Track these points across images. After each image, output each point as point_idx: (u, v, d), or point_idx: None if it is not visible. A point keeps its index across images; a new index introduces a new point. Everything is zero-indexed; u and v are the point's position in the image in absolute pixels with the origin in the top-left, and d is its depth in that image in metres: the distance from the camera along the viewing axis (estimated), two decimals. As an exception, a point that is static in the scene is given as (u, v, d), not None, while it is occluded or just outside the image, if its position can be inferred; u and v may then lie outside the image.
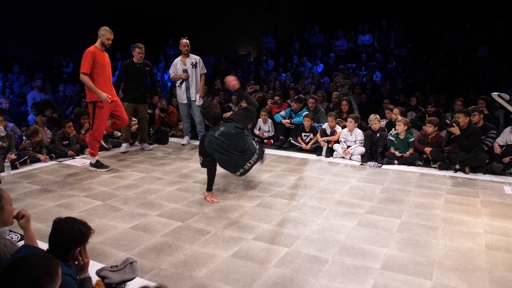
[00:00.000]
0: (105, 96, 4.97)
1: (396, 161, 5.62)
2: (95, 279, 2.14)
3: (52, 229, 1.97)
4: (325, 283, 2.50)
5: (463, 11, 11.62)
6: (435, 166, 5.40)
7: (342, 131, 6.12)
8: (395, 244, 3.05)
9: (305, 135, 6.62)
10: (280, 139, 6.94)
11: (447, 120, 5.40)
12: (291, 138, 6.77)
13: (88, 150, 5.64)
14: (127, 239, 3.14)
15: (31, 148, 5.63)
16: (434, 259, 2.81)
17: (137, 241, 3.10)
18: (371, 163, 5.68)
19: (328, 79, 10.17)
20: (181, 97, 6.76)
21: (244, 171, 4.19)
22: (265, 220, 3.52)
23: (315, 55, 11.92)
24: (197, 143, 6.81)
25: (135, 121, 6.81)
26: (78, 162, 5.71)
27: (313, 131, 6.54)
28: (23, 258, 1.55)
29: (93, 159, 5.24)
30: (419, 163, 5.55)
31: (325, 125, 6.32)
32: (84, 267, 2.02)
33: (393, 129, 6.00)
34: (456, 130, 5.09)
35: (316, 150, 6.32)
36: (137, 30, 11.70)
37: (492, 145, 5.35)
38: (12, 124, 6.25)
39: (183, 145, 6.95)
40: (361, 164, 5.65)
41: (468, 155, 5.10)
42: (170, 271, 2.64)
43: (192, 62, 6.67)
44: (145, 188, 4.48)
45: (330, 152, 6.08)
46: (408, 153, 5.63)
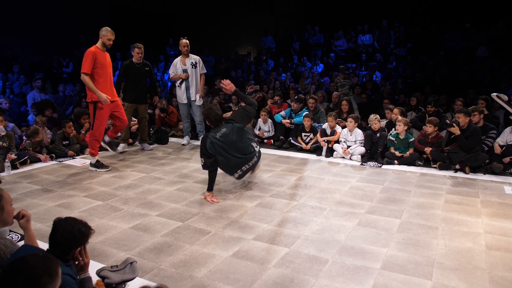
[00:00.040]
0: (104, 97, 4.97)
1: (396, 161, 5.62)
2: (95, 279, 2.14)
3: (52, 229, 1.97)
4: (325, 283, 2.50)
5: (463, 11, 11.62)
6: (435, 166, 5.40)
7: (342, 131, 6.12)
8: (395, 244, 3.05)
9: (305, 135, 6.62)
10: (280, 139, 6.93)
11: (447, 120, 5.40)
12: (291, 138, 6.77)
13: (88, 150, 5.64)
14: (127, 239, 3.14)
15: (31, 148, 5.64)
16: (434, 259, 2.81)
17: (137, 241, 3.10)
18: (371, 163, 5.68)
19: (328, 79, 10.16)
20: (181, 97, 6.76)
21: (243, 172, 4.20)
22: (265, 220, 3.52)
23: (315, 55, 11.92)
24: (197, 143, 6.82)
25: (135, 121, 6.82)
26: (78, 162, 5.72)
27: (313, 131, 6.54)
28: (23, 258, 1.55)
29: (93, 159, 5.24)
30: (419, 163, 5.55)
31: (325, 125, 6.32)
32: (84, 267, 2.02)
33: (393, 129, 6.00)
34: (456, 130, 5.09)
35: (316, 150, 6.31)
36: (137, 30, 11.70)
37: (492, 145, 5.35)
38: (12, 124, 6.25)
39: (183, 145, 6.95)
40: (361, 164, 5.65)
41: (468, 155, 5.10)
42: (170, 271, 2.64)
43: (192, 62, 6.67)
44: (145, 188, 4.48)
45: (330, 152, 6.08)
46: (408, 153, 5.63)
